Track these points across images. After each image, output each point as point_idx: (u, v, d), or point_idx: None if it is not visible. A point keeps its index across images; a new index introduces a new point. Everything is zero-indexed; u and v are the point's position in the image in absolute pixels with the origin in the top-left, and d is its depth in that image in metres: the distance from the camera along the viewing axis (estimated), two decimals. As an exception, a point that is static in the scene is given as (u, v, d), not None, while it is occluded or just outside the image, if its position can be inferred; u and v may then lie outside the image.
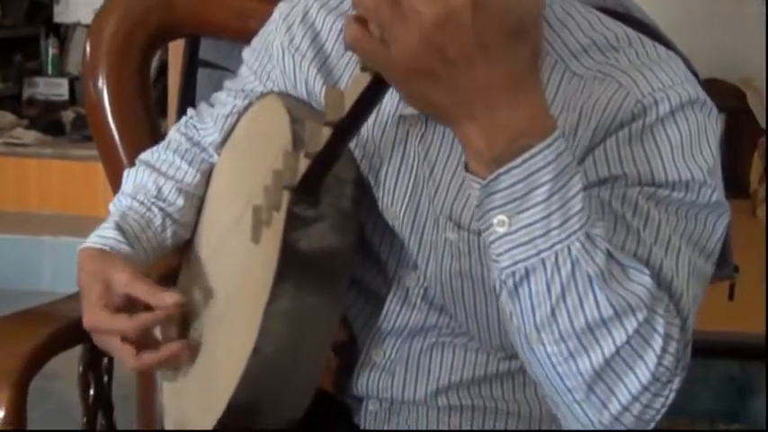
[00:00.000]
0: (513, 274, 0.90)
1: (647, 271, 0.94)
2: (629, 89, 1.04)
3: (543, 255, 0.89)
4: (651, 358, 0.92)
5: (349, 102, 0.92)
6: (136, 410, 1.65)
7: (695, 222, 1.03)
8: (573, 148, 1.03)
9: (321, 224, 1.06)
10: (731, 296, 1.72)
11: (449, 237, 1.09)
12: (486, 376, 1.15)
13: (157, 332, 1.20)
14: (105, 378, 1.44)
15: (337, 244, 1.06)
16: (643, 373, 0.93)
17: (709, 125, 1.05)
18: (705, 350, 2.33)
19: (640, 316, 0.92)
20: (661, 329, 0.92)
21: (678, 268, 1.00)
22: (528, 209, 0.88)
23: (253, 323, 1.03)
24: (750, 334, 2.41)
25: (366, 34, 0.84)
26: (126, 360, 1.15)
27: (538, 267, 0.89)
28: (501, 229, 0.89)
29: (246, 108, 1.27)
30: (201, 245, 1.30)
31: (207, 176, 1.32)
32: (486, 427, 1.16)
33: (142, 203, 1.27)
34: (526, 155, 0.86)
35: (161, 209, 1.27)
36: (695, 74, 1.15)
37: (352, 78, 0.99)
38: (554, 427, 1.16)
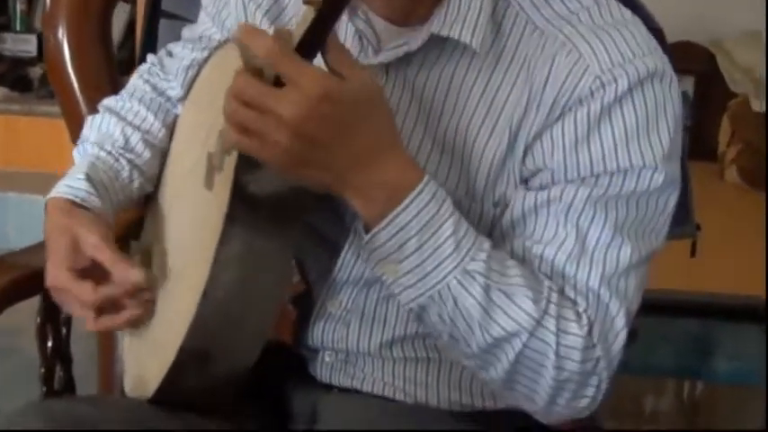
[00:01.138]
0: (413, 309, 1.04)
1: (530, 294, 1.02)
2: (588, 62, 1.05)
3: (428, 293, 1.02)
4: (549, 371, 1.03)
5: (297, 39, 0.93)
6: (97, 365, 1.65)
7: (646, 207, 1.06)
8: (530, 123, 1.08)
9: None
10: (693, 254, 1.73)
11: None
12: None
13: None
14: (63, 331, 1.43)
15: (289, 188, 1.05)
16: (546, 381, 1.04)
17: (668, 99, 1.07)
18: (668, 308, 2.36)
19: (524, 337, 1.02)
20: (553, 344, 1.02)
21: (617, 265, 1.04)
22: (405, 258, 1.01)
23: (203, 269, 1.03)
24: (713, 293, 2.43)
25: (245, 139, 0.97)
26: (86, 321, 1.14)
27: (428, 303, 1.03)
28: (392, 276, 1.03)
29: (206, 60, 1.26)
30: (163, 197, 1.30)
31: (171, 129, 1.31)
32: (441, 378, 1.16)
33: (110, 153, 1.25)
34: (394, 213, 1.00)
35: (129, 160, 1.25)
36: (659, 34, 1.16)
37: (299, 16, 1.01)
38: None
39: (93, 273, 1.12)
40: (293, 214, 1.08)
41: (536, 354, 1.03)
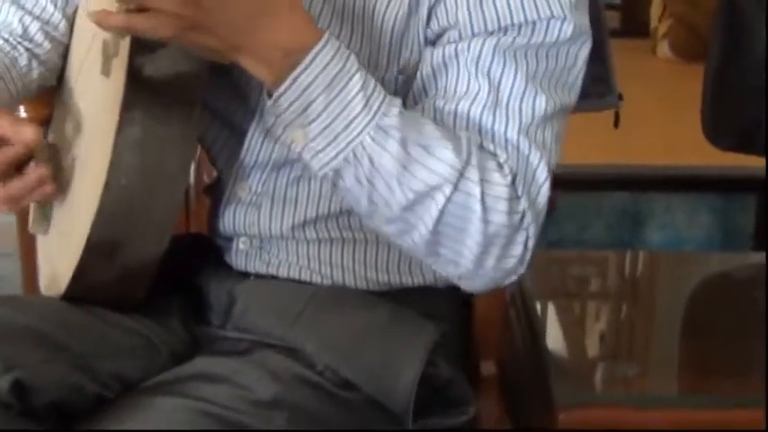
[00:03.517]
0: (327, 175, 0.99)
1: (450, 145, 0.98)
2: None
3: (341, 155, 0.98)
4: (475, 224, 0.99)
5: None
6: (20, 268, 1.63)
7: (556, 60, 1.04)
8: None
9: (169, 49, 1.02)
10: (616, 125, 1.73)
11: None
12: (352, 207, 1.14)
13: None
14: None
15: (186, 70, 1.03)
16: (473, 237, 1.00)
17: None
18: (597, 183, 2.37)
19: (447, 190, 0.98)
20: (477, 194, 0.99)
21: (535, 113, 1.02)
22: (313, 121, 0.97)
23: (105, 157, 1.01)
24: (642, 166, 2.45)
25: (134, 16, 0.94)
26: None
27: (342, 166, 0.99)
28: (302, 141, 0.98)
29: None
30: (67, 91, 1.26)
31: (71, 22, 1.27)
32: (356, 258, 1.15)
33: (7, 41, 1.21)
34: (295, 73, 0.96)
35: (27, 49, 1.21)
36: None
37: None
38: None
39: None
40: (192, 97, 1.05)
41: (461, 207, 0.99)
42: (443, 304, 1.18)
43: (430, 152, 0.99)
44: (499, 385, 1.34)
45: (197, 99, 1.06)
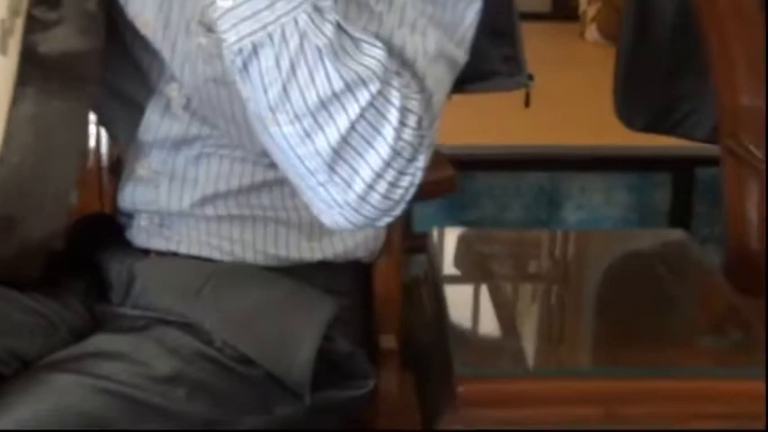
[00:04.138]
0: (241, 50, 0.91)
1: (379, 44, 0.94)
2: None
3: (269, 28, 0.90)
4: (389, 132, 0.94)
5: None
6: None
7: (443, 9, 1.03)
8: None
9: (63, 27, 1.03)
10: (527, 104, 1.75)
11: (201, 42, 1.06)
12: (252, 185, 1.14)
13: None
14: None
15: (82, 47, 1.03)
16: (383, 147, 0.94)
17: None
18: (515, 163, 2.40)
19: (373, 88, 0.93)
20: (397, 102, 0.94)
21: (424, 48, 1.00)
22: None
23: None
24: (558, 146, 2.48)
25: None
26: None
27: (265, 42, 0.90)
28: (225, 4, 0.90)
29: None
30: None
31: None
32: (256, 234, 1.16)
33: None
34: None
35: None
36: None
37: None
38: (318, 231, 1.17)
39: None
40: (88, 75, 1.05)
41: (378, 115, 0.94)
42: (343, 279, 1.20)
43: (360, 48, 0.94)
44: (403, 361, 1.36)
45: (92, 76, 1.06)
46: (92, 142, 1.45)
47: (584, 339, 1.47)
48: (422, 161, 0.97)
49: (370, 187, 0.96)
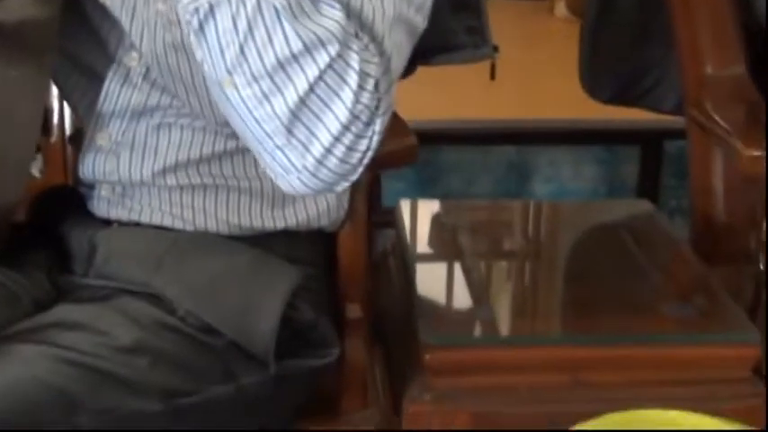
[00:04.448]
0: (197, 10, 0.91)
1: (338, 6, 0.93)
2: None
3: None
4: (347, 95, 0.94)
5: None
6: None
7: None
8: None
9: None
10: (492, 76, 1.75)
11: (159, 8, 1.06)
12: (214, 154, 1.14)
13: None
14: None
15: (39, 16, 1.02)
16: (341, 110, 0.94)
17: None
18: (485, 137, 2.40)
19: (332, 50, 0.92)
20: (356, 65, 0.93)
21: (383, 11, 1.00)
22: None
23: None
24: (526, 119, 2.48)
25: None
26: None
27: (221, 1, 0.90)
28: None
29: None
30: None
31: None
32: (218, 203, 1.15)
33: None
34: None
35: None
36: None
37: None
38: (281, 200, 1.17)
39: None
40: (45, 43, 1.04)
41: (337, 78, 0.93)
42: (306, 249, 1.19)
43: (319, 9, 0.93)
44: (373, 333, 1.36)
45: (49, 45, 1.05)
46: (55, 118, 1.44)
47: (552, 308, 1.48)
48: (379, 125, 0.97)
49: (328, 151, 0.96)
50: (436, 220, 1.65)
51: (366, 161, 0.98)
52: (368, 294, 1.39)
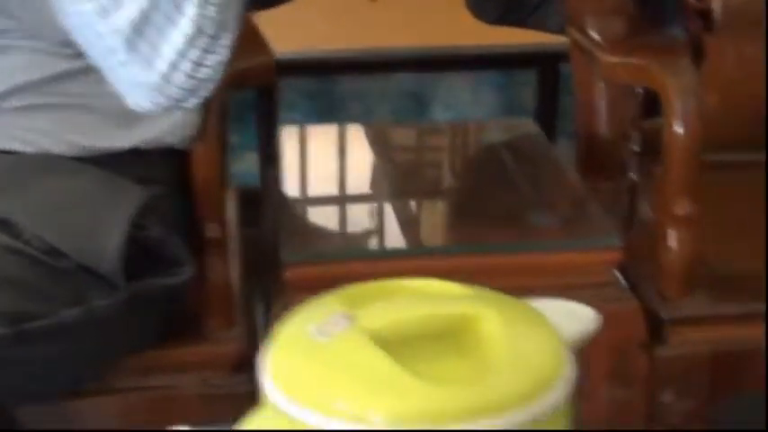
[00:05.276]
0: None
1: None
2: None
3: None
4: (190, 8, 0.94)
5: None
6: None
7: None
8: None
9: None
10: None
11: None
12: (55, 75, 1.13)
13: None
14: None
15: None
16: (185, 23, 0.94)
17: None
18: (380, 64, 2.39)
19: None
20: None
21: None
22: None
23: None
24: (423, 47, 2.47)
25: None
26: None
27: None
28: None
29: None
30: None
31: None
32: (61, 123, 1.14)
33: None
34: None
35: None
36: None
37: None
38: (126, 119, 1.15)
39: None
40: None
41: None
42: (156, 168, 1.18)
43: None
44: (242, 253, 1.36)
45: None
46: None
47: (418, 222, 1.48)
48: (227, 39, 0.97)
49: (174, 66, 0.97)
50: (317, 144, 1.65)
51: (217, 76, 0.99)
52: (238, 218, 1.39)
